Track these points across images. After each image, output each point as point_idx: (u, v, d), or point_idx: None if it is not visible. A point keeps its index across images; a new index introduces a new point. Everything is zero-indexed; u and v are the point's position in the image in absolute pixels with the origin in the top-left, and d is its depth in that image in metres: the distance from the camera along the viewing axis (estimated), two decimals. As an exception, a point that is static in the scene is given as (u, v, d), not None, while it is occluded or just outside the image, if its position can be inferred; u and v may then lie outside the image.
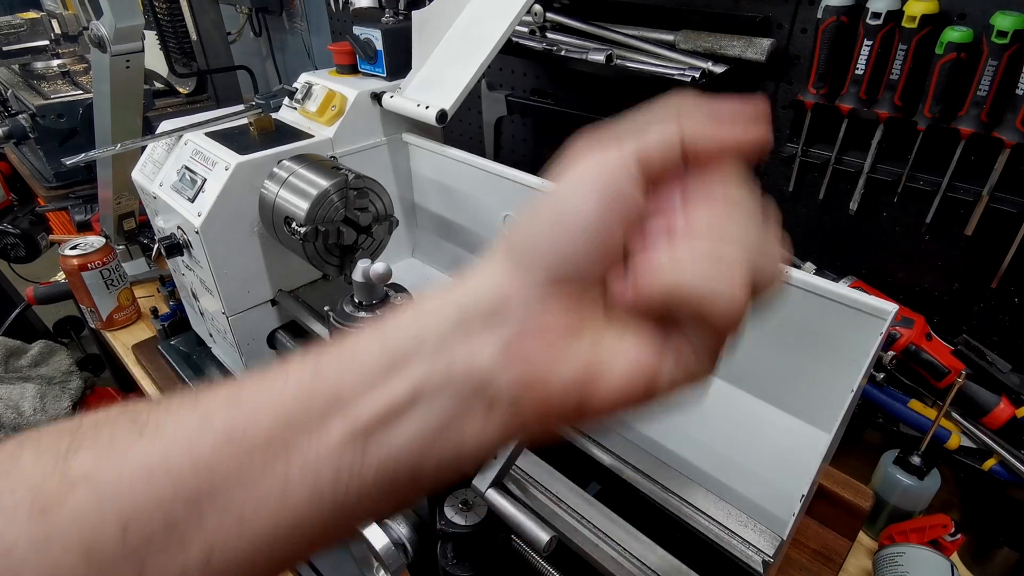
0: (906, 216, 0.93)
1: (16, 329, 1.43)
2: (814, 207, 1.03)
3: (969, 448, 0.86)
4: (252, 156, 0.85)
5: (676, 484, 0.64)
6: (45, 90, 1.78)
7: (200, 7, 1.93)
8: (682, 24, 1.03)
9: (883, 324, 0.57)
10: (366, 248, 0.86)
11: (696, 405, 0.77)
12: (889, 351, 0.87)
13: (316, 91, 0.99)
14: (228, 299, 0.91)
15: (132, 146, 1.00)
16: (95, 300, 1.23)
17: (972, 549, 0.82)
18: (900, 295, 0.98)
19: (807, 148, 0.99)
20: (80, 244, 1.21)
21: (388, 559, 0.63)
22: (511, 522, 0.56)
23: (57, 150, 1.71)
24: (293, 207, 0.78)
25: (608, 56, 1.04)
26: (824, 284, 0.60)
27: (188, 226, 0.86)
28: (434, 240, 1.11)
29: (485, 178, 0.91)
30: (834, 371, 0.62)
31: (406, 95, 0.94)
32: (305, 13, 2.06)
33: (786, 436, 0.69)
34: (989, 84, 0.76)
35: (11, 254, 1.88)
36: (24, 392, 1.06)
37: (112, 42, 1.00)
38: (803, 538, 0.84)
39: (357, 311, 0.62)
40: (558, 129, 1.37)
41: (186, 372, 1.13)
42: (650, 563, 0.57)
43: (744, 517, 0.60)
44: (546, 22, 1.14)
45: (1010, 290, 0.87)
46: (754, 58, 0.95)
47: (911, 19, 0.79)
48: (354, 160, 0.95)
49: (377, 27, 0.97)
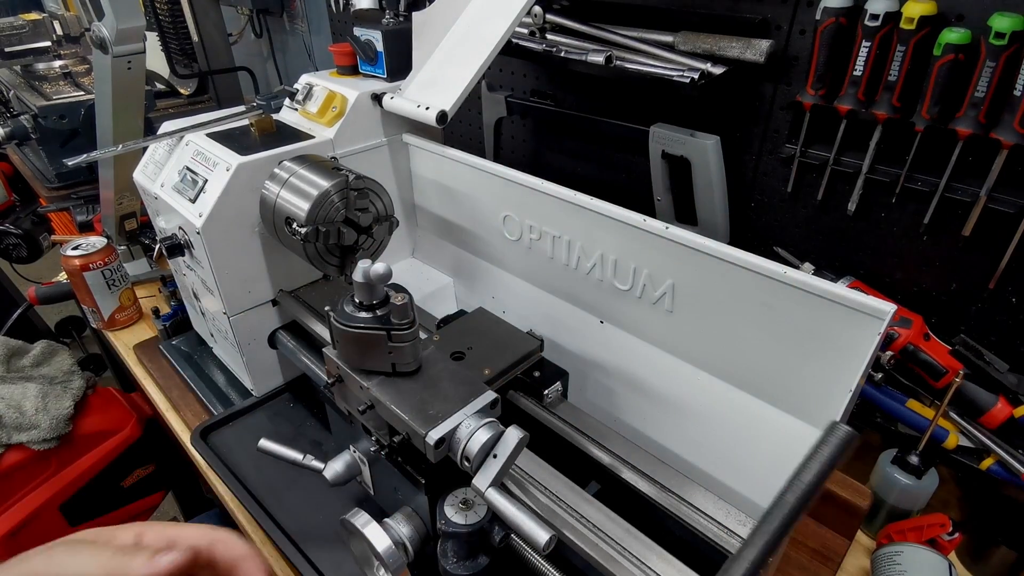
0: (904, 217, 0.94)
1: (18, 329, 1.44)
2: (812, 207, 1.03)
3: (967, 447, 0.87)
4: (253, 157, 0.85)
5: (675, 484, 0.65)
6: (47, 91, 1.78)
7: (201, 8, 1.94)
8: (681, 25, 1.04)
9: (881, 324, 0.57)
10: (366, 248, 0.86)
11: (696, 405, 0.78)
12: (887, 351, 0.88)
13: (317, 92, 0.99)
14: (229, 299, 0.91)
15: (134, 147, 1.00)
16: (97, 300, 1.24)
17: (970, 548, 0.83)
18: (898, 295, 0.99)
19: (806, 149, 0.99)
20: (82, 244, 1.21)
21: (389, 558, 0.64)
22: (511, 521, 0.57)
23: (59, 151, 1.71)
24: (294, 207, 0.78)
25: (608, 57, 1.04)
26: (822, 284, 0.60)
27: (189, 226, 0.87)
28: (434, 240, 1.12)
29: (485, 179, 0.91)
30: (833, 371, 0.63)
31: (406, 96, 0.95)
32: (306, 14, 2.07)
33: (785, 436, 0.69)
34: (987, 85, 0.77)
35: (13, 254, 1.88)
36: (26, 392, 1.06)
37: (114, 43, 1.01)
38: (802, 537, 0.85)
39: (357, 311, 0.62)
40: (558, 130, 1.38)
41: (187, 372, 1.13)
42: (650, 563, 0.57)
43: (743, 516, 0.61)
44: (546, 23, 1.15)
45: (1007, 290, 0.88)
46: (753, 59, 0.95)
47: (909, 20, 0.79)
48: (354, 161, 0.96)
49: (378, 28, 0.98)
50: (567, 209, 0.81)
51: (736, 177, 1.09)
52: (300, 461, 0.77)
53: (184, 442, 1.02)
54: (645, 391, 0.83)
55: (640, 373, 0.83)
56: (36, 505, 1.09)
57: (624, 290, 0.80)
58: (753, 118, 1.04)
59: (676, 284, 0.74)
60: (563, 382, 0.77)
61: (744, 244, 0.68)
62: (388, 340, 0.62)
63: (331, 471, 0.76)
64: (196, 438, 0.96)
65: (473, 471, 0.58)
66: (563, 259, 0.86)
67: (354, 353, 0.64)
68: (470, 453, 0.58)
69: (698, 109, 1.10)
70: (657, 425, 0.83)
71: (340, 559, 0.78)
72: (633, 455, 0.68)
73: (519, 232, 0.91)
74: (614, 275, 0.80)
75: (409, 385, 0.64)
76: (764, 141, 1.05)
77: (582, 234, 0.82)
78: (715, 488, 0.64)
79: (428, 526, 0.70)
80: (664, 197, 1.16)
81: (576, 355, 0.91)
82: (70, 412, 1.10)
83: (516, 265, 0.96)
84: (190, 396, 1.10)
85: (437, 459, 0.59)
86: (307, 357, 0.93)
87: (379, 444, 0.69)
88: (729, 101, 1.05)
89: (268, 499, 0.87)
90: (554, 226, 0.85)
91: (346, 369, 0.66)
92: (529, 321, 0.88)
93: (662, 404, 0.81)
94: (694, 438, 0.79)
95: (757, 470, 0.72)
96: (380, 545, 0.64)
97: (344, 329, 0.62)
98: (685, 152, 1.07)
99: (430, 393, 0.63)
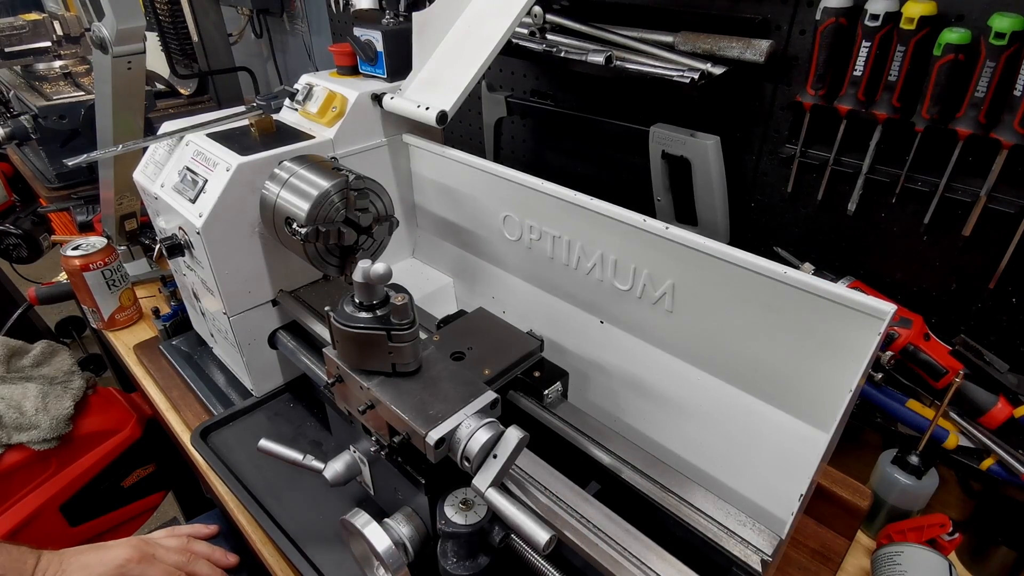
0: (904, 217, 0.94)
1: (18, 329, 1.44)
2: (813, 207, 1.03)
3: (967, 448, 0.87)
4: (253, 157, 0.85)
5: (675, 484, 0.65)
6: (47, 91, 1.78)
7: (201, 8, 1.93)
8: (681, 26, 1.04)
9: (881, 324, 0.57)
10: (366, 248, 0.86)
11: (696, 405, 0.78)
12: (887, 351, 0.88)
13: (317, 92, 0.99)
14: (229, 299, 0.91)
15: (134, 147, 1.00)
16: (97, 300, 1.24)
17: (970, 548, 0.83)
18: (898, 295, 0.99)
19: (806, 149, 0.99)
20: (82, 244, 1.21)
21: (389, 558, 0.64)
22: (511, 522, 0.57)
23: (59, 151, 1.72)
24: (294, 208, 0.78)
25: (608, 57, 1.04)
26: (822, 284, 0.60)
27: (189, 227, 0.87)
28: (434, 240, 1.12)
29: (485, 179, 0.91)
30: (833, 371, 0.63)
31: (406, 96, 0.95)
32: (306, 14, 2.07)
33: (785, 436, 0.69)
34: (987, 85, 0.77)
35: (13, 254, 1.88)
36: (26, 392, 1.06)
37: (114, 43, 1.01)
38: (802, 537, 0.85)
39: (358, 311, 0.62)
40: (558, 130, 1.38)
41: (187, 372, 1.13)
42: (650, 563, 0.57)
43: (743, 516, 0.61)
44: (546, 23, 1.14)
45: (1008, 290, 0.88)
46: (753, 59, 0.95)
47: (909, 20, 0.79)
48: (355, 161, 0.96)
49: (378, 28, 0.98)
50: (567, 209, 0.81)
51: (736, 177, 1.09)
52: (300, 461, 0.77)
53: (184, 442, 1.02)
54: (645, 391, 0.83)
55: (640, 373, 0.83)
56: (36, 505, 1.09)
57: (624, 290, 0.80)
58: (753, 118, 1.04)
59: (676, 284, 0.74)
60: (563, 382, 0.77)
61: (744, 244, 0.68)
62: (388, 340, 0.62)
63: (331, 471, 0.76)
64: (196, 438, 0.96)
65: (473, 471, 0.58)
66: (563, 259, 0.86)
67: (354, 353, 0.64)
68: (470, 453, 0.58)
69: (698, 109, 1.10)
70: (657, 425, 0.83)
71: (340, 559, 0.78)
72: (633, 455, 0.68)
73: (519, 232, 0.91)
74: (614, 275, 0.80)
75: (409, 385, 0.64)
76: (764, 141, 1.05)
77: (582, 234, 0.82)
78: (715, 488, 0.64)
79: (428, 526, 0.70)
80: (664, 197, 1.16)
81: (576, 355, 0.91)
82: (70, 412, 1.09)
83: (516, 265, 0.96)
84: (190, 396, 1.10)
85: (437, 459, 0.59)
86: (307, 357, 0.93)
87: (379, 444, 0.69)
88: (729, 101, 1.05)
89: (268, 499, 0.87)
90: (554, 226, 0.85)
91: (346, 369, 0.66)
92: (529, 321, 0.88)
93: (662, 404, 0.81)
94: (694, 438, 0.79)
95: (757, 470, 0.72)
96: (380, 545, 0.64)
97: (344, 329, 0.62)
98: (685, 152, 1.07)
99: (430, 393, 0.63)
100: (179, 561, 0.82)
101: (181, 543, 0.86)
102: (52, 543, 0.83)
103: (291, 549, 0.79)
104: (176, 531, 0.91)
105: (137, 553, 0.79)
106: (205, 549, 0.88)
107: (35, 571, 0.74)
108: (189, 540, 0.87)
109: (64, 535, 1.15)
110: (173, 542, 0.86)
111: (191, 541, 0.87)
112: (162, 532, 0.89)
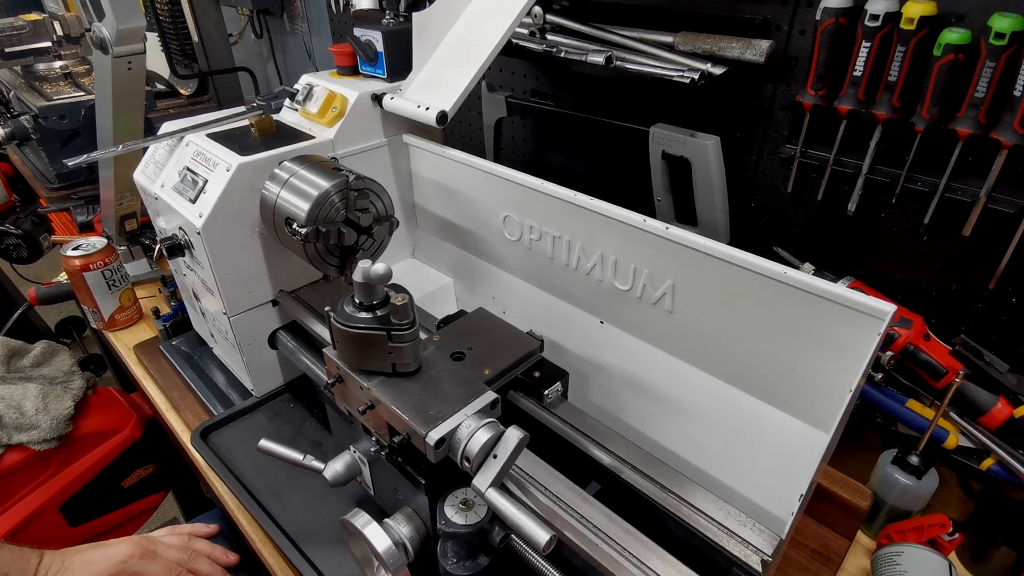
0: (904, 217, 0.94)
1: (18, 329, 1.44)
2: (813, 208, 1.03)
3: (967, 448, 0.87)
4: (253, 157, 0.85)
5: (675, 484, 0.65)
6: (47, 91, 1.78)
7: (201, 9, 1.94)
8: (681, 26, 1.04)
9: (881, 324, 0.57)
10: (367, 249, 0.86)
11: (696, 405, 0.78)
12: (887, 351, 0.88)
13: (317, 92, 0.99)
14: (229, 299, 0.91)
15: (134, 147, 1.00)
16: (97, 300, 1.24)
17: (970, 548, 0.83)
18: (898, 295, 0.99)
19: (806, 149, 0.99)
20: (82, 245, 1.21)
21: (389, 559, 0.64)
22: (511, 522, 0.57)
23: (59, 151, 1.71)
24: (294, 208, 0.78)
25: (608, 58, 1.04)
26: (822, 284, 0.60)
27: (189, 227, 0.87)
28: (434, 240, 1.12)
29: (485, 179, 0.91)
30: (833, 371, 0.63)
31: (406, 96, 0.95)
32: (306, 15, 2.07)
33: (785, 436, 0.69)
34: (987, 85, 0.77)
35: (13, 255, 1.88)
36: (26, 392, 1.06)
37: (114, 44, 1.01)
38: (802, 537, 0.85)
39: (358, 311, 0.62)
40: (558, 130, 1.38)
41: (187, 372, 1.13)
42: (650, 563, 0.57)
43: (743, 517, 0.61)
44: (546, 24, 1.15)
45: (1008, 290, 0.88)
46: (753, 60, 0.95)
47: (909, 21, 0.79)
48: (355, 161, 0.96)
49: (378, 29, 0.98)
50: (567, 209, 0.81)
51: (736, 177, 1.09)
52: (300, 461, 0.77)
53: (184, 442, 1.02)
54: (645, 391, 0.83)
55: (640, 373, 0.83)
56: (36, 505, 1.09)
57: (624, 290, 0.80)
58: (753, 118, 1.04)
59: (676, 284, 0.74)
60: (563, 382, 0.77)
61: (744, 244, 0.68)
62: (388, 340, 0.62)
63: (331, 471, 0.76)
64: (196, 438, 0.96)
65: (473, 471, 0.58)
66: (563, 259, 0.86)
67: (354, 353, 0.64)
68: (470, 453, 0.58)
69: (698, 109, 1.10)
70: (657, 425, 0.83)
71: (340, 559, 0.78)
72: (633, 455, 0.68)
73: (519, 232, 0.91)
74: (614, 275, 0.80)
75: (409, 385, 0.64)
76: (764, 141, 1.05)
77: (582, 234, 0.82)
78: (715, 488, 0.64)
79: (428, 526, 0.70)
80: (664, 197, 1.16)
81: (576, 355, 0.91)
82: (70, 412, 1.10)
83: (516, 265, 0.96)
84: (190, 396, 1.10)
85: (437, 459, 0.59)
86: (307, 357, 0.93)
87: (379, 444, 0.69)
88: (729, 101, 1.05)
89: (268, 499, 0.87)
90: (554, 226, 0.85)
91: (346, 369, 0.66)
92: (529, 321, 0.88)
93: (662, 404, 0.81)
94: (694, 438, 0.79)
95: (757, 470, 0.72)
96: (380, 545, 0.64)
97: (344, 329, 0.62)
98: (685, 152, 1.07)
99: (430, 393, 0.63)
100: (180, 558, 0.83)
101: (182, 541, 0.86)
102: (52, 543, 0.83)
103: (291, 549, 0.79)
104: (177, 530, 0.91)
105: (139, 549, 0.79)
106: (206, 547, 0.88)
107: (38, 569, 0.74)
108: (190, 538, 0.88)
109: (64, 535, 1.15)
110: (174, 540, 0.86)
111: (192, 539, 0.88)
112: (163, 531, 0.90)
